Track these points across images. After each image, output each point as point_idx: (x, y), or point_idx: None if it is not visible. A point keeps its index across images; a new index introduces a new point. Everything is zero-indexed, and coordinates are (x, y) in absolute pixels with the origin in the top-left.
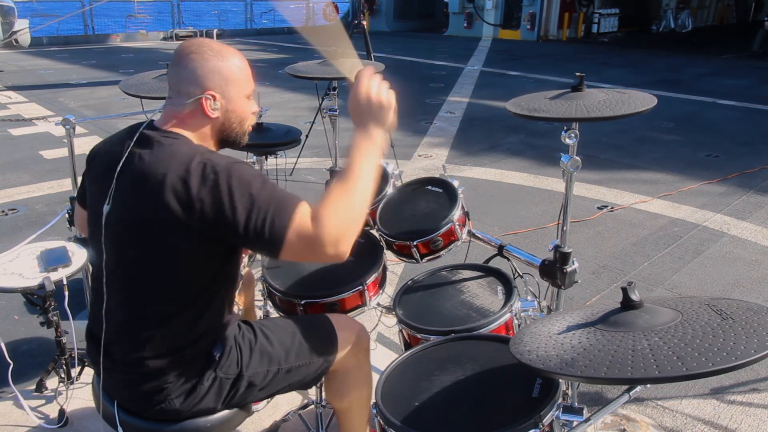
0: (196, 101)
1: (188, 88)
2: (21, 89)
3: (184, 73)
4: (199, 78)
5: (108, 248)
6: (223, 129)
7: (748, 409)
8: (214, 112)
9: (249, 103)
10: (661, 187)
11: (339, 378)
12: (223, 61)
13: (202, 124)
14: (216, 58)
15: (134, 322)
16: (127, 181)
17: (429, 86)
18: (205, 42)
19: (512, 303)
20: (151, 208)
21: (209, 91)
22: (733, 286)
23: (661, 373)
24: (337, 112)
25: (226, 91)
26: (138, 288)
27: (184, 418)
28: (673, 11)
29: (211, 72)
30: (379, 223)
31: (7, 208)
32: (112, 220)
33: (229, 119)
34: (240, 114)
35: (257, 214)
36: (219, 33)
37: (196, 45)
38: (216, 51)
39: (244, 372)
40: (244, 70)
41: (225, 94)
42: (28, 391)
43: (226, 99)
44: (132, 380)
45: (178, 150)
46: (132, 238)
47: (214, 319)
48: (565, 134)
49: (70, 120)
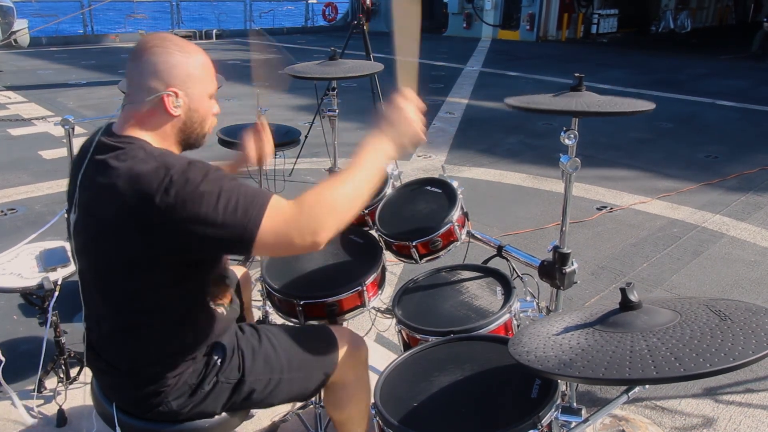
0: (158, 98)
1: (149, 84)
2: (20, 89)
3: (145, 67)
4: (161, 72)
5: (79, 257)
6: (185, 129)
7: (746, 409)
8: (176, 110)
9: (211, 103)
10: (660, 187)
11: (338, 390)
12: (188, 56)
13: (162, 123)
14: (180, 53)
15: (118, 329)
16: (87, 191)
17: (428, 87)
18: (168, 36)
19: (511, 304)
20: (111, 219)
21: (172, 88)
22: (732, 287)
23: (659, 373)
24: (336, 112)
25: (190, 88)
26: (112, 296)
27: (183, 420)
28: (672, 12)
29: (175, 67)
30: (378, 224)
31: (6, 209)
32: (78, 230)
33: (191, 118)
34: (202, 113)
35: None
36: (218, 33)
37: (159, 39)
38: (180, 46)
39: (246, 377)
40: (208, 67)
41: (188, 92)
42: (28, 391)
43: (189, 97)
44: (128, 384)
45: (134, 156)
46: (97, 247)
47: (202, 324)
48: (564, 135)
49: (70, 120)
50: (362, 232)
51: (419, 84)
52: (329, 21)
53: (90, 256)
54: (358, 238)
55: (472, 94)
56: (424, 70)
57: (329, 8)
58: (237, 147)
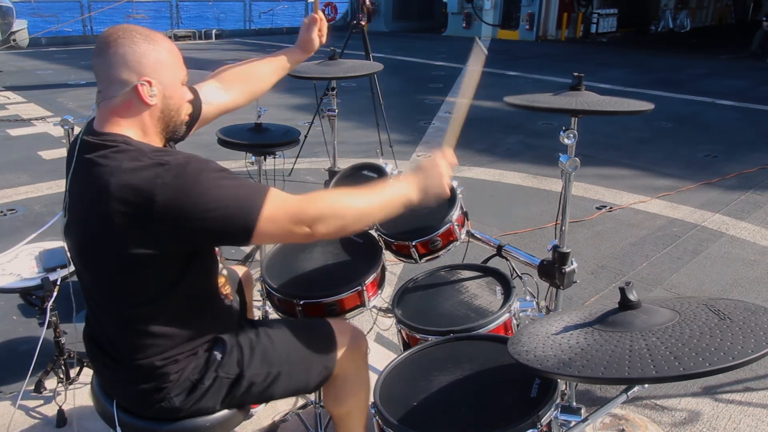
0: (132, 89)
1: (121, 76)
2: (19, 89)
3: (113, 60)
4: (130, 63)
5: (73, 257)
6: (163, 117)
7: (746, 408)
8: (151, 99)
9: (184, 89)
10: (659, 187)
11: (337, 384)
12: (154, 44)
13: (139, 114)
14: (146, 42)
15: (119, 326)
16: (77, 193)
17: (427, 86)
18: (130, 26)
19: (511, 303)
20: (100, 220)
21: (144, 77)
22: (731, 286)
23: (658, 373)
24: (336, 112)
25: (161, 75)
26: (110, 295)
27: (183, 417)
28: (671, 11)
29: (144, 56)
30: (378, 223)
31: (6, 209)
32: (70, 232)
33: (168, 106)
34: (177, 100)
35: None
36: (218, 33)
37: (122, 30)
38: (144, 35)
39: (244, 372)
40: (176, 54)
41: (161, 79)
42: (27, 392)
43: (162, 84)
44: (130, 379)
45: (115, 155)
46: (90, 248)
47: (203, 319)
48: (563, 134)
49: (69, 120)
50: (362, 231)
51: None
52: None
53: (86, 256)
54: (358, 237)
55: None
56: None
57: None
58: (236, 147)
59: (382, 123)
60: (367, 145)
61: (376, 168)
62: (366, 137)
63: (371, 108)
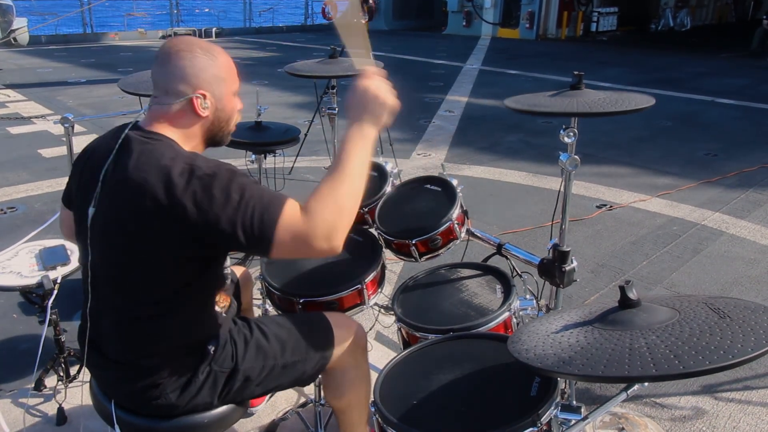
0: (187, 101)
1: (178, 87)
2: (19, 87)
3: (173, 71)
4: (189, 76)
5: (93, 250)
6: (212, 128)
7: (746, 407)
8: (204, 111)
9: (236, 100)
10: (659, 185)
11: (337, 377)
12: (213, 59)
13: (191, 123)
14: (206, 56)
15: (124, 322)
16: (111, 185)
17: (428, 85)
18: (193, 40)
19: (511, 302)
20: (133, 213)
21: (200, 90)
22: (731, 285)
23: (658, 371)
24: (336, 110)
25: (216, 89)
26: (124, 289)
27: (181, 414)
28: (671, 10)
29: (202, 70)
30: (378, 222)
31: (6, 207)
32: (96, 223)
33: (219, 117)
34: (228, 112)
35: (244, 214)
36: (218, 31)
37: (185, 43)
38: (205, 49)
39: (239, 366)
40: (231, 67)
41: (215, 93)
42: (27, 390)
43: (215, 97)
44: (126, 378)
45: (160, 153)
46: (116, 241)
47: (206, 318)
48: (563, 133)
49: (69, 118)
50: (362, 230)
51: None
52: (329, 19)
53: (108, 249)
54: (358, 236)
55: (471, 92)
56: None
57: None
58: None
59: None
60: None
61: (376, 167)
62: None
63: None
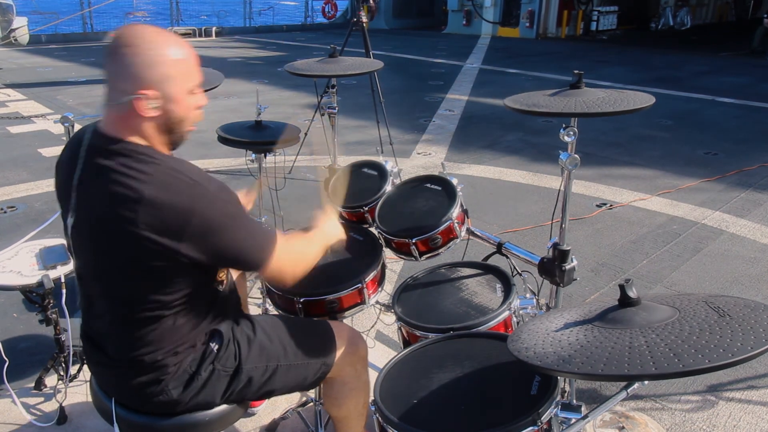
0: (130, 101)
1: (122, 85)
2: (19, 87)
3: (119, 68)
4: (133, 75)
5: (78, 256)
6: (165, 127)
7: (746, 406)
8: (150, 111)
9: (193, 98)
10: (659, 184)
11: (336, 386)
12: (162, 55)
13: (141, 124)
14: (152, 50)
15: (120, 323)
16: (84, 195)
17: (428, 84)
18: (140, 31)
19: (511, 300)
20: (111, 223)
21: (144, 89)
22: (731, 284)
23: (658, 369)
24: (336, 110)
25: (166, 87)
26: (114, 293)
27: (182, 411)
28: (671, 9)
29: (148, 68)
30: (378, 221)
31: (6, 206)
32: (77, 232)
33: (170, 117)
34: (181, 111)
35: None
36: (218, 31)
37: (131, 36)
38: (152, 42)
39: (242, 366)
40: (186, 62)
41: (164, 91)
42: (27, 389)
43: (164, 96)
44: (127, 374)
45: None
46: (98, 248)
47: (202, 312)
48: (563, 132)
49: (69, 118)
50: (362, 229)
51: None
52: (329, 18)
53: (91, 257)
54: (358, 235)
55: (471, 91)
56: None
57: (329, 5)
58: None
59: (382, 120)
60: (368, 143)
61: (376, 166)
62: (366, 135)
63: (371, 105)
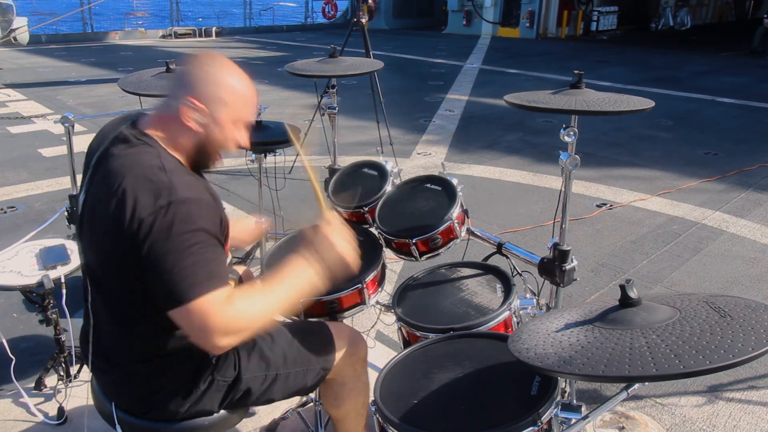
0: (178, 105)
1: (179, 91)
2: (20, 87)
3: (182, 77)
4: (191, 84)
5: (83, 246)
6: (199, 146)
7: (746, 406)
8: (191, 123)
9: (237, 132)
10: (659, 184)
11: (336, 387)
12: (225, 78)
13: (179, 132)
14: (220, 72)
15: (117, 324)
16: (95, 178)
17: (428, 84)
18: (218, 57)
19: (511, 301)
20: (105, 211)
21: (194, 99)
22: (731, 284)
23: (658, 370)
24: (336, 110)
25: (215, 107)
26: (108, 290)
27: (180, 419)
28: (671, 9)
29: (208, 83)
30: (378, 221)
31: (6, 206)
32: (84, 216)
33: (209, 139)
34: (222, 138)
35: (176, 266)
36: (218, 31)
37: (207, 57)
38: (220, 67)
39: (242, 375)
40: (243, 95)
41: (213, 111)
42: (28, 389)
43: (212, 116)
44: (126, 382)
45: (143, 158)
46: (95, 238)
47: None
48: (563, 132)
49: (69, 118)
50: (362, 229)
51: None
52: (329, 18)
53: (91, 246)
54: (358, 235)
55: (471, 91)
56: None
57: (329, 6)
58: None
59: (382, 120)
60: (368, 143)
61: (376, 166)
62: (366, 135)
63: (371, 105)
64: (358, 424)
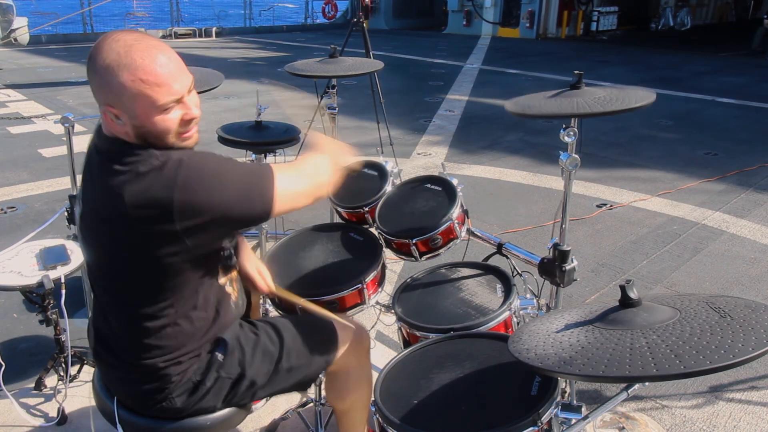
0: (102, 113)
1: (96, 95)
2: (20, 87)
3: (90, 80)
4: (98, 92)
5: (85, 248)
6: (145, 138)
7: (746, 406)
8: (120, 126)
9: (168, 115)
10: (660, 185)
11: (340, 378)
12: (122, 73)
13: (120, 131)
14: (115, 69)
15: (125, 322)
16: (93, 189)
17: (428, 84)
18: (107, 47)
19: (511, 301)
20: (121, 220)
21: (108, 105)
22: (731, 284)
23: (659, 371)
24: (336, 110)
25: (128, 107)
26: (117, 289)
27: (185, 417)
28: (672, 9)
29: (109, 89)
30: (379, 221)
31: (6, 207)
32: (83, 221)
33: (144, 134)
34: (156, 128)
35: (239, 189)
36: (218, 31)
37: (101, 49)
38: (116, 61)
39: (246, 371)
40: (153, 78)
41: (127, 111)
42: (27, 389)
43: (128, 115)
44: (133, 379)
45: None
46: (101, 239)
47: (207, 321)
48: (564, 132)
49: (69, 118)
50: (362, 229)
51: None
52: (329, 19)
53: (95, 248)
54: (358, 235)
55: (471, 91)
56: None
57: (329, 6)
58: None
59: (382, 121)
60: (368, 143)
61: (376, 166)
62: (366, 135)
63: (371, 106)
64: (363, 417)
